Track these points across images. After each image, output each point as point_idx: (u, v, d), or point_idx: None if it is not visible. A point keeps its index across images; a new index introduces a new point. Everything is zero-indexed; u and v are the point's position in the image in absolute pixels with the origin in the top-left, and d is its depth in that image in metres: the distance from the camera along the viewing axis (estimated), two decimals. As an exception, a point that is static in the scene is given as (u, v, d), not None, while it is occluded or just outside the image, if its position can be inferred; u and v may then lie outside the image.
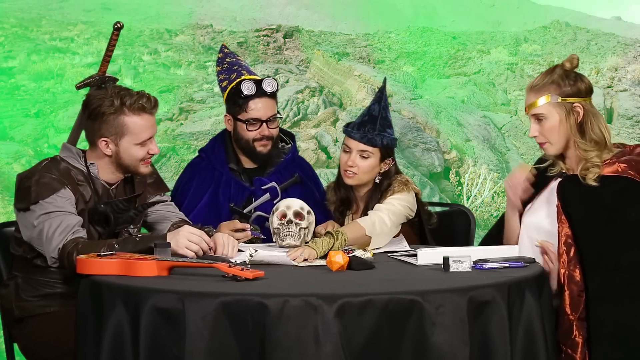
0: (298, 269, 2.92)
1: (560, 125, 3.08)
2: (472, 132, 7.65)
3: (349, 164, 3.61)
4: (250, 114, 3.66)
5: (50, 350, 3.20)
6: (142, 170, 3.31)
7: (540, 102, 3.08)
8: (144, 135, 3.25)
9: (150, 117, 3.28)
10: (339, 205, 3.76)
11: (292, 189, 3.74)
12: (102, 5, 8.39)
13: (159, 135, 7.69)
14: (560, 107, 3.08)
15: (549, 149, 3.13)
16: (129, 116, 3.22)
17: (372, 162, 3.62)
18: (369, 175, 3.64)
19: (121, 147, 3.25)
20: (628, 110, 8.00)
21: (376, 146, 3.60)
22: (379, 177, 3.65)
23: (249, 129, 3.66)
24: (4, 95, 7.32)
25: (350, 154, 3.62)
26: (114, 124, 3.23)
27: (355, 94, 7.88)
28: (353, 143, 3.61)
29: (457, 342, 2.42)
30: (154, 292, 2.48)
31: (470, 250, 2.98)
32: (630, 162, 3.05)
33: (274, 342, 2.35)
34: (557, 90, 3.08)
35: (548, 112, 3.08)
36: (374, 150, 3.61)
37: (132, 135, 3.24)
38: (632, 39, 8.38)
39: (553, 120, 3.08)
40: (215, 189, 3.73)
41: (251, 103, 3.65)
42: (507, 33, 8.53)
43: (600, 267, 3.01)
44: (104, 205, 3.23)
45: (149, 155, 3.29)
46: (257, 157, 3.71)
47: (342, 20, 8.53)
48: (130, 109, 3.22)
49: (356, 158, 3.60)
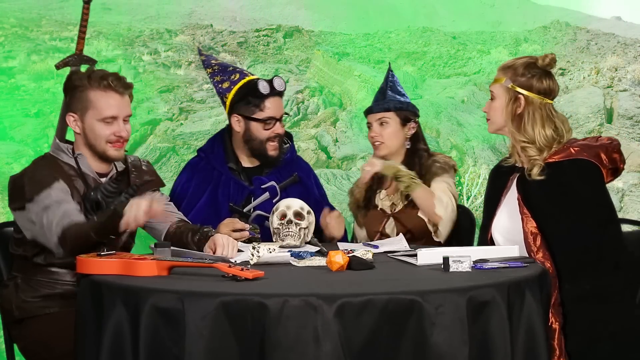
0: (298, 269, 2.92)
1: (501, 109, 3.23)
2: (472, 132, 7.65)
3: (373, 135, 3.83)
4: (266, 113, 3.69)
5: (50, 351, 3.19)
6: (110, 153, 3.28)
7: (496, 82, 3.25)
8: (106, 112, 3.24)
9: (117, 96, 3.26)
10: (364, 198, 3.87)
11: (290, 188, 3.74)
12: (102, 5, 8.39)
13: (159, 135, 7.70)
14: (507, 93, 3.21)
15: (489, 126, 3.30)
16: (94, 91, 3.24)
17: (394, 127, 3.82)
18: (395, 141, 3.83)
19: (86, 124, 3.26)
20: (628, 110, 8.00)
21: (390, 110, 3.81)
22: (408, 143, 3.84)
23: (265, 127, 3.67)
24: (4, 95, 7.32)
25: (372, 128, 3.84)
26: (80, 98, 3.26)
27: (355, 94, 7.88)
28: (371, 117, 3.86)
29: (457, 342, 2.42)
30: (153, 292, 2.48)
31: (470, 250, 2.97)
32: (583, 147, 3.15)
33: (273, 342, 2.35)
34: (512, 77, 3.21)
35: (497, 93, 3.24)
36: (390, 115, 3.82)
37: (94, 110, 3.24)
38: (632, 39, 8.38)
39: (499, 101, 3.23)
40: (214, 188, 3.73)
41: (267, 102, 3.69)
42: (507, 33, 8.53)
43: (568, 251, 3.07)
44: (94, 192, 3.23)
45: (114, 136, 3.26)
46: (268, 159, 3.73)
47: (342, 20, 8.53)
48: (95, 84, 3.24)
49: (377, 128, 3.83)
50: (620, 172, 3.19)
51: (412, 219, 3.73)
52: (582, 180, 3.11)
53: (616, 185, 7.57)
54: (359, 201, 3.87)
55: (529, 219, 3.13)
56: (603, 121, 7.96)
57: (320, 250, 3.21)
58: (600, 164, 3.10)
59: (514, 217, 3.18)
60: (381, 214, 3.79)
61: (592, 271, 3.06)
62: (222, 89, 3.75)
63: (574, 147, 3.15)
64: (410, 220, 3.74)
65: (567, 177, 3.11)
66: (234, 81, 3.74)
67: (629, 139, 7.80)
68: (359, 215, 3.86)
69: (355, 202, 3.89)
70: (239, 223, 3.45)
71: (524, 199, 3.16)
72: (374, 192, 3.86)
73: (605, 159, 3.11)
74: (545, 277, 2.79)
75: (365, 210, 3.84)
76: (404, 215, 3.75)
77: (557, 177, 3.12)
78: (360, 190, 3.88)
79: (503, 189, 3.26)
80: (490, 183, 3.40)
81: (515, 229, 3.17)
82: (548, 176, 3.13)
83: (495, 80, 3.25)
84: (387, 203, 3.81)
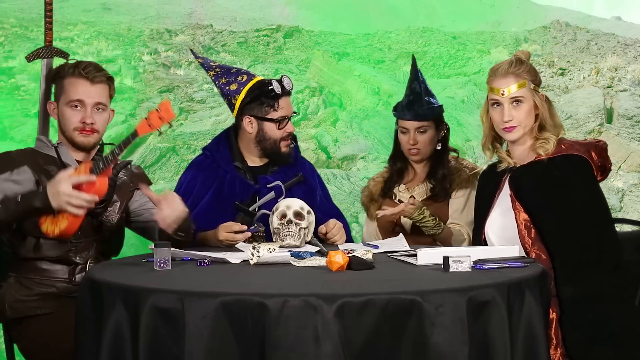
0: (298, 269, 2.92)
1: (532, 110, 3.23)
2: (472, 132, 7.65)
3: (411, 143, 3.85)
4: (280, 112, 3.71)
5: (50, 351, 3.20)
6: (77, 140, 3.34)
7: (520, 87, 3.22)
8: (72, 96, 3.32)
9: (87, 83, 3.33)
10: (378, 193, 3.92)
11: (295, 187, 3.75)
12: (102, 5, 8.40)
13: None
14: (532, 94, 3.23)
15: (517, 133, 3.24)
16: (68, 78, 3.34)
17: (431, 134, 3.86)
18: (431, 146, 3.87)
19: (59, 110, 3.36)
20: (628, 110, 8.00)
21: (429, 119, 3.83)
22: (439, 145, 3.88)
23: (280, 127, 3.69)
24: (4, 95, 7.33)
25: (408, 134, 3.86)
26: (58, 86, 3.37)
27: (355, 94, 7.88)
28: (408, 124, 3.85)
29: (457, 342, 2.42)
30: (153, 292, 2.48)
31: (470, 250, 2.97)
32: (574, 143, 3.21)
33: (273, 342, 2.35)
34: (530, 78, 3.24)
35: (526, 96, 3.22)
36: (429, 124, 3.85)
37: (65, 95, 3.34)
38: (632, 39, 8.39)
39: (529, 103, 3.22)
40: (219, 187, 3.73)
41: (281, 101, 3.71)
42: (507, 33, 8.54)
43: (567, 250, 3.09)
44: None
45: (80, 124, 3.32)
46: (282, 157, 3.75)
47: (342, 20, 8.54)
48: (70, 71, 3.34)
49: (415, 135, 3.84)
50: (608, 171, 3.23)
51: (430, 209, 3.75)
52: (575, 173, 3.14)
53: (616, 185, 7.57)
54: (373, 194, 3.91)
55: (521, 212, 3.15)
56: (603, 121, 7.96)
57: (320, 250, 3.21)
58: (591, 160, 3.14)
59: (507, 214, 3.20)
60: (399, 204, 3.80)
61: (592, 271, 3.06)
62: (230, 91, 3.74)
63: (564, 144, 3.20)
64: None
65: (559, 172, 3.14)
66: (242, 82, 3.74)
67: (629, 139, 7.80)
68: (372, 207, 3.90)
69: (370, 195, 3.94)
70: (236, 225, 3.45)
71: (516, 195, 3.18)
72: (393, 184, 3.92)
73: (595, 157, 3.17)
74: (545, 277, 2.79)
75: (381, 201, 3.87)
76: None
77: (549, 171, 3.15)
78: (377, 184, 3.92)
79: (496, 190, 3.27)
80: (481, 185, 3.42)
81: (508, 225, 3.18)
82: (540, 172, 3.16)
83: (518, 86, 3.22)
84: (406, 195, 3.85)
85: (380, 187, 3.93)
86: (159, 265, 2.86)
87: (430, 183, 3.87)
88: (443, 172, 3.85)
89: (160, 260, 2.86)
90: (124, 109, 7.57)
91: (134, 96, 7.88)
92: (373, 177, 4.03)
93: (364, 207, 3.99)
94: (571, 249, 3.08)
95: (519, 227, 3.14)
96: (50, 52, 3.81)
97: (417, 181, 3.90)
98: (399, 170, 3.93)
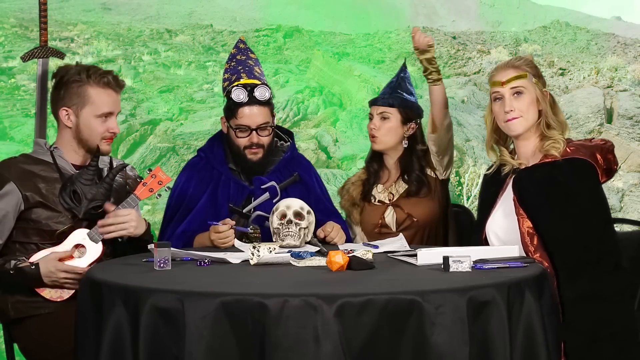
0: (298, 269, 2.92)
1: (534, 103, 3.23)
2: (472, 132, 7.66)
3: (371, 127, 3.84)
4: (239, 121, 3.62)
5: (50, 351, 3.20)
6: (103, 148, 3.37)
7: (521, 78, 3.23)
8: (104, 108, 3.32)
9: (114, 94, 3.36)
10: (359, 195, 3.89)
11: (291, 187, 3.72)
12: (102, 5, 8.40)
13: (159, 135, 7.70)
14: (534, 87, 3.24)
15: (520, 125, 3.22)
16: (93, 87, 3.32)
17: (393, 124, 3.82)
18: (392, 137, 3.83)
19: (81, 118, 3.33)
20: (628, 110, 8.01)
21: (393, 106, 3.81)
22: (406, 142, 3.84)
23: (238, 135, 3.64)
24: (4, 95, 7.33)
25: (372, 119, 3.85)
26: (77, 92, 3.33)
27: (355, 94, 7.89)
28: (373, 109, 3.86)
29: (457, 342, 2.42)
30: (153, 292, 2.48)
31: (470, 250, 2.97)
32: (579, 146, 3.18)
33: (273, 342, 2.35)
34: (531, 72, 3.24)
35: (528, 88, 3.22)
36: (392, 111, 3.82)
37: (93, 106, 3.32)
38: (632, 39, 8.39)
39: (531, 95, 3.22)
40: (214, 188, 3.71)
41: (241, 110, 3.61)
42: (507, 33, 8.54)
43: (567, 250, 3.08)
44: (69, 183, 3.29)
45: (108, 133, 3.35)
46: (248, 164, 3.68)
47: (342, 20, 8.54)
48: (95, 80, 3.32)
49: (377, 121, 3.83)
50: (614, 173, 3.21)
51: (411, 204, 3.77)
52: (578, 179, 3.12)
53: (616, 185, 7.58)
54: (354, 198, 3.89)
55: (525, 219, 3.13)
56: (603, 121, 7.97)
57: (320, 250, 3.21)
58: (596, 163, 3.12)
59: (510, 217, 3.18)
60: (380, 205, 3.82)
61: (592, 271, 3.06)
62: (222, 88, 3.75)
63: (569, 146, 3.18)
64: (409, 206, 3.78)
65: (563, 176, 3.12)
66: (231, 82, 3.72)
67: (629, 139, 7.81)
68: (354, 212, 3.87)
69: (350, 199, 3.90)
70: (221, 227, 3.43)
71: (519, 200, 3.16)
72: (371, 186, 3.89)
73: (600, 159, 3.14)
74: (545, 277, 2.79)
75: (361, 205, 3.86)
76: (403, 201, 3.79)
77: (553, 176, 3.13)
78: (356, 187, 3.90)
79: (499, 190, 3.26)
80: (484, 185, 3.41)
81: (511, 229, 3.17)
82: (544, 177, 3.14)
83: (513, 78, 3.22)
84: (385, 194, 3.84)
85: (360, 190, 3.90)
86: (159, 265, 2.86)
87: (405, 182, 3.86)
88: (415, 173, 3.81)
89: (160, 260, 2.86)
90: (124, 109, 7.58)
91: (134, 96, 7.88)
92: (350, 179, 3.99)
93: (346, 211, 3.94)
94: (571, 249, 3.08)
95: (522, 234, 3.13)
96: (45, 52, 3.81)
97: (392, 180, 3.87)
98: (375, 172, 3.90)
